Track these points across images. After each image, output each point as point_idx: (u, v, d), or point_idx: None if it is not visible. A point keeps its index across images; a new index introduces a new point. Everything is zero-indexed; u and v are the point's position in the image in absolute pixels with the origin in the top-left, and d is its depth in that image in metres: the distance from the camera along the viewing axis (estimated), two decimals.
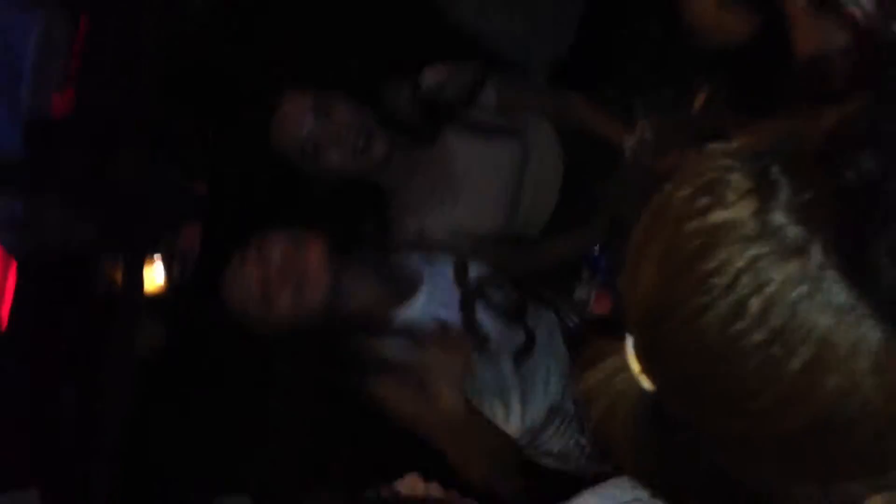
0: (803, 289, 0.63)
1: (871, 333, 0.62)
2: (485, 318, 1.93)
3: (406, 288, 1.95)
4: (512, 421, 1.84)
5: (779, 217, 0.65)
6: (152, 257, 3.14)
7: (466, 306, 1.91)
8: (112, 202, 2.94)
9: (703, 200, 0.68)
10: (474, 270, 1.98)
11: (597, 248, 2.08)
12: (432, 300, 1.92)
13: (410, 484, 1.36)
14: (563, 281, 2.11)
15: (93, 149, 2.97)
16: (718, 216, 0.67)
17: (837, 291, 0.63)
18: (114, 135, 3.02)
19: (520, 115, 2.29)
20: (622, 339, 0.74)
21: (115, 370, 3.00)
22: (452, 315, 1.90)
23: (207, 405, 3.25)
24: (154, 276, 3.19)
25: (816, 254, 0.64)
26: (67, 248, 3.24)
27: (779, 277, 0.64)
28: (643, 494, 0.83)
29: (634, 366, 0.74)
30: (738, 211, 0.66)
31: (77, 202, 3.03)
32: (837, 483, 0.69)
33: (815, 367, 0.63)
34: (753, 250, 0.65)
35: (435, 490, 1.39)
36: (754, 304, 0.64)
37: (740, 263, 0.65)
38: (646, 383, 0.73)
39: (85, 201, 3.01)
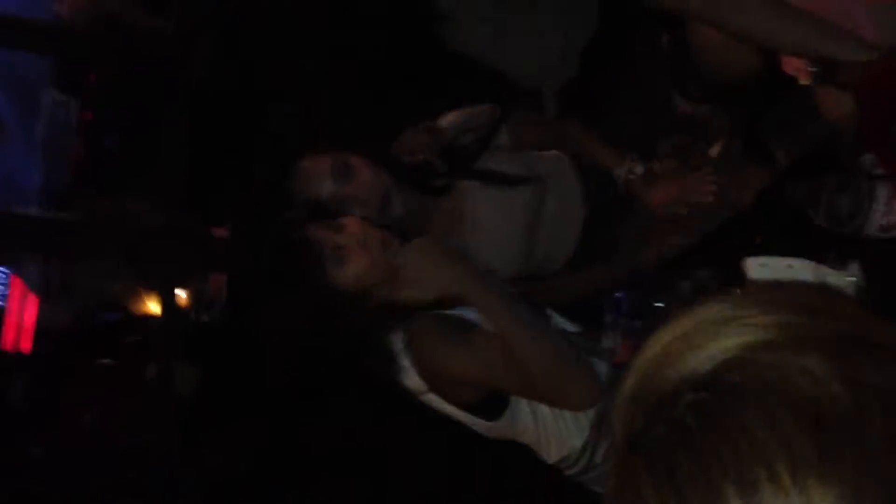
0: None
1: None
2: None
3: None
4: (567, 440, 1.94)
5: None
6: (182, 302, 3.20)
7: None
8: (138, 250, 3.00)
9: None
10: None
11: (620, 292, 2.08)
12: None
13: None
14: (588, 326, 2.11)
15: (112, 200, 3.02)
16: None
17: None
18: (135, 182, 3.08)
19: (534, 154, 2.30)
20: None
21: (153, 409, 3.05)
22: None
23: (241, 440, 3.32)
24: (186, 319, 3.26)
25: None
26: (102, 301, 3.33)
27: None
28: None
29: None
30: None
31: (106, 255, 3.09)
32: None
33: None
34: None
35: None
36: None
37: None
38: None
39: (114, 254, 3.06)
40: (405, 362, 1.93)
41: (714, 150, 2.15)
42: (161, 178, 2.85)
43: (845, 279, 1.68)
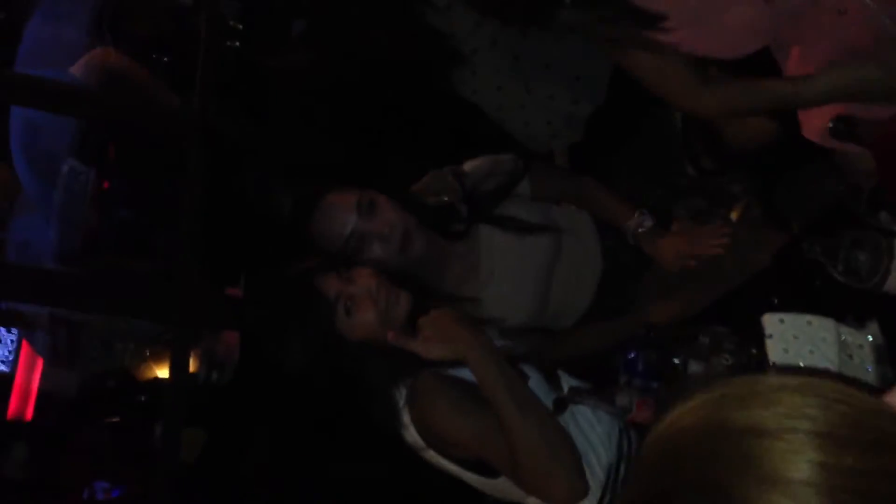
0: None
1: None
2: None
3: None
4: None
5: None
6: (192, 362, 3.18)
7: None
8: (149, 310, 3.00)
9: None
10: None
11: (633, 352, 2.08)
12: None
13: None
14: (602, 387, 2.11)
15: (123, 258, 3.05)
16: None
17: None
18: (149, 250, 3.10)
19: (554, 206, 2.32)
20: None
21: (159, 473, 3.01)
22: None
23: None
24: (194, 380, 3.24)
25: None
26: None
27: None
28: None
29: None
30: None
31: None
32: None
33: None
34: None
35: None
36: None
37: None
38: None
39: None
40: (405, 418, 1.94)
41: (734, 214, 2.17)
42: (176, 243, 2.87)
43: (864, 338, 1.69)
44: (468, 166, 2.30)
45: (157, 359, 3.58)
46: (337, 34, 2.90)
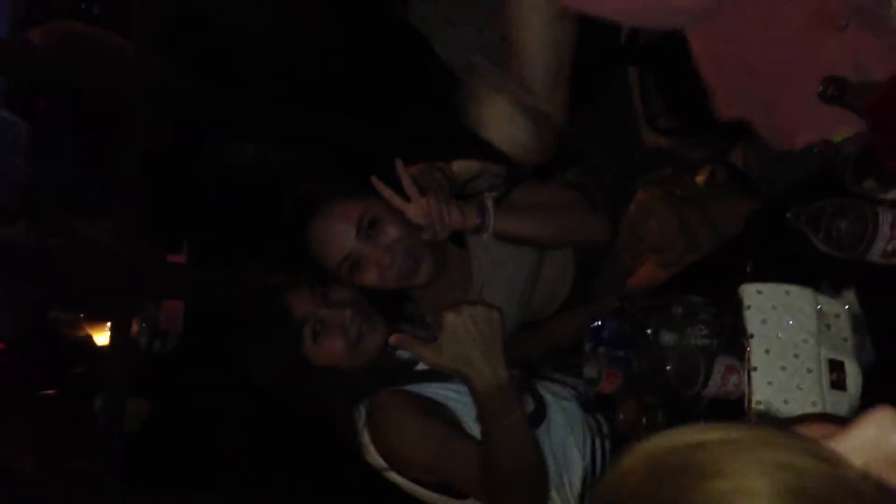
0: None
1: None
2: None
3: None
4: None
5: None
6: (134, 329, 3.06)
7: None
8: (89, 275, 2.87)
9: None
10: None
11: (598, 321, 2.02)
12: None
13: None
14: (566, 359, 2.06)
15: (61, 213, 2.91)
16: None
17: None
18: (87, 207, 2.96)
19: None
20: None
21: (103, 441, 2.90)
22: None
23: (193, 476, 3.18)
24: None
25: None
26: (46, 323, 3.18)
27: None
28: None
29: None
30: None
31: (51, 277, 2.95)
32: None
33: None
34: None
35: None
36: None
37: None
38: None
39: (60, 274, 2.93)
40: (365, 438, 1.85)
41: (700, 178, 2.12)
42: (116, 203, 2.73)
43: (841, 307, 1.66)
44: (457, 165, 2.15)
45: (94, 327, 3.44)
46: None
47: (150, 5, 2.77)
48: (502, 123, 1.84)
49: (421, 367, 1.94)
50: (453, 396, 1.87)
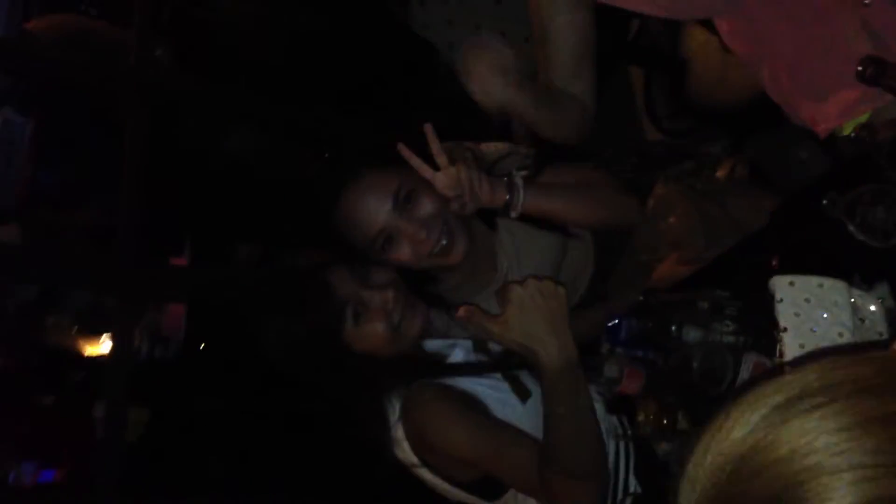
0: None
1: None
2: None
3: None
4: None
5: None
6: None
7: (506, 369, 1.84)
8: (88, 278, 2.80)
9: None
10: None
11: (615, 321, 1.96)
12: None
13: None
14: (583, 359, 1.99)
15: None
16: None
17: None
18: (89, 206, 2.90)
19: None
20: None
21: (102, 454, 2.82)
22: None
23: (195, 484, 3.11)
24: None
25: None
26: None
27: None
28: None
29: None
30: None
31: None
32: None
33: None
34: None
35: None
36: None
37: None
38: None
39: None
40: (398, 433, 1.77)
41: (721, 173, 2.06)
42: (118, 204, 2.66)
43: (875, 300, 1.59)
44: (485, 146, 2.06)
45: (94, 334, 3.37)
46: None
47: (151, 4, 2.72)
48: (484, 75, 1.78)
49: (453, 359, 1.87)
50: (489, 392, 1.80)
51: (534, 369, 1.74)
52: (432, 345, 1.91)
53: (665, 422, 1.89)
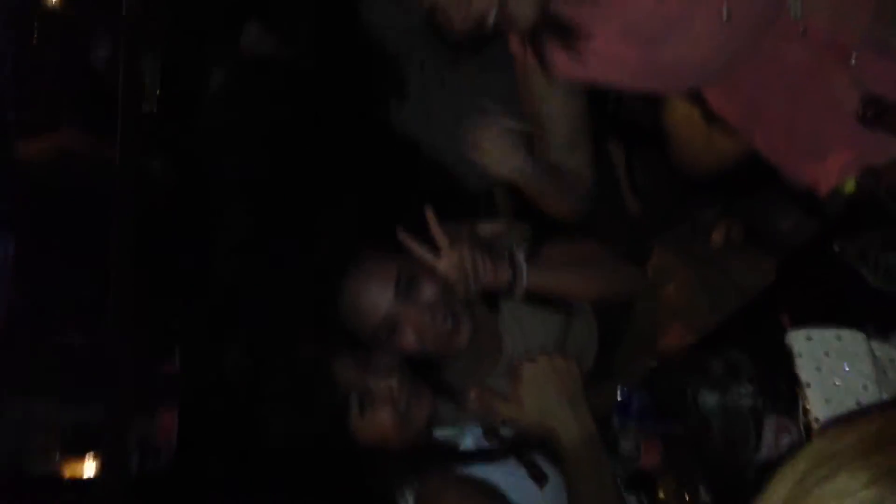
0: None
1: None
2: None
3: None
4: None
5: None
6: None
7: (521, 453, 1.77)
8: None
9: None
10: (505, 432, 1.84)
11: (624, 390, 1.90)
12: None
13: None
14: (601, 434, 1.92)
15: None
16: None
17: None
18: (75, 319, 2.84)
19: None
20: None
21: None
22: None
23: None
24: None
25: None
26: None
27: None
28: None
29: None
30: None
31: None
32: None
33: None
34: None
35: None
36: None
37: None
38: None
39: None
40: None
41: (716, 236, 2.04)
42: (103, 315, 2.61)
43: (894, 351, 1.55)
44: (481, 228, 2.05)
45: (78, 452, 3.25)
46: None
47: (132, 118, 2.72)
48: (493, 146, 1.77)
49: (464, 447, 1.81)
50: (504, 479, 1.73)
51: (551, 450, 1.68)
52: (441, 433, 1.86)
53: (687, 498, 1.82)
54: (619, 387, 1.88)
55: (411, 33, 2.22)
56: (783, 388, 1.56)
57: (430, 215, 1.80)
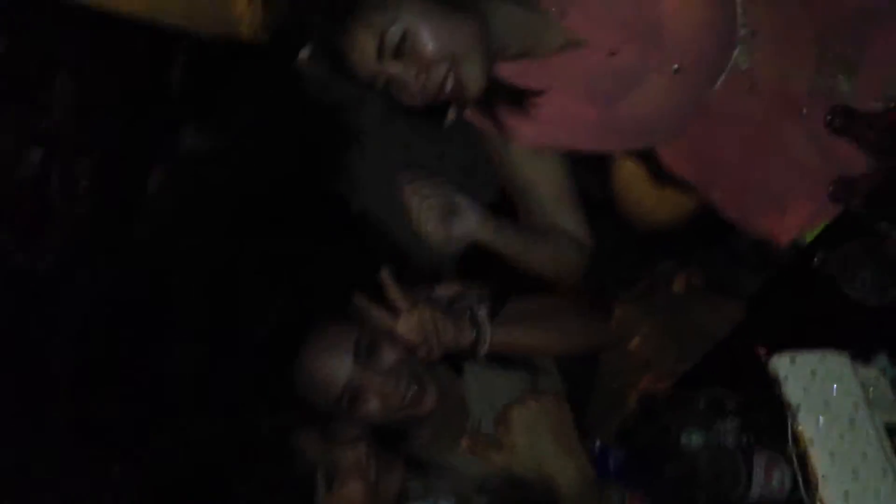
0: None
1: None
2: None
3: None
4: None
5: None
6: None
7: None
8: None
9: None
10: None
11: (597, 445, 1.82)
12: None
13: None
14: None
15: None
16: None
17: None
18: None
19: None
20: None
21: None
22: None
23: None
24: None
25: None
26: None
27: None
28: None
29: None
30: None
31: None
32: None
33: None
34: None
35: None
36: None
37: None
38: None
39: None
40: None
41: (677, 286, 2.02)
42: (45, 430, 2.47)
43: (876, 370, 1.52)
44: (438, 289, 1.99)
45: None
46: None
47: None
48: (416, 210, 1.73)
49: None
50: None
51: None
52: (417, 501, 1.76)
53: None
54: (594, 442, 1.82)
55: (372, 103, 2.20)
56: (768, 421, 1.51)
57: (386, 277, 1.74)
